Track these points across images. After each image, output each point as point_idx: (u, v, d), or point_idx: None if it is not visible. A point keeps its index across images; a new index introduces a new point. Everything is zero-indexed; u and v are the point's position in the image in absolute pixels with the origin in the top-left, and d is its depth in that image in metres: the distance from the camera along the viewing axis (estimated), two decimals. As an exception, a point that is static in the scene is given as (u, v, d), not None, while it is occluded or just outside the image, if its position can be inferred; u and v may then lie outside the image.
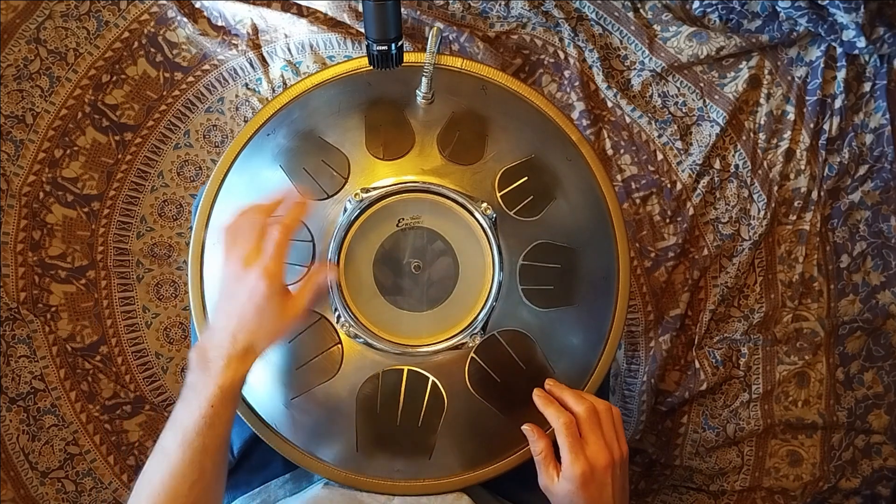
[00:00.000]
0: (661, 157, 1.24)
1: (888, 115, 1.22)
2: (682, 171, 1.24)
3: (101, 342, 1.21)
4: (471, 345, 0.64)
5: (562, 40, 1.25)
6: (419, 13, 1.22)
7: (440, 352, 0.64)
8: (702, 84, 1.24)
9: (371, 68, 0.61)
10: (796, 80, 1.23)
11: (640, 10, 1.25)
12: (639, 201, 1.24)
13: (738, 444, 1.24)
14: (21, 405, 1.19)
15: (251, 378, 0.65)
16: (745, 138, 1.24)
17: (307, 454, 0.65)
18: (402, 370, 0.64)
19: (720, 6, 1.23)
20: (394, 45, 0.58)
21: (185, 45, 1.23)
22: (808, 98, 1.23)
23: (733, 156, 1.25)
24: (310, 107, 0.68)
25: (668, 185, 1.24)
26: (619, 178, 1.25)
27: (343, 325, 0.63)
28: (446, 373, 0.64)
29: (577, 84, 1.24)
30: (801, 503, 1.24)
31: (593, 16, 1.24)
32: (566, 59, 1.25)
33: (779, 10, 1.20)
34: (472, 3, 1.25)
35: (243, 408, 0.65)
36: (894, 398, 1.24)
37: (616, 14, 1.25)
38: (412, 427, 0.64)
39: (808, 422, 1.23)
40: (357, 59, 0.69)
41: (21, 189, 1.19)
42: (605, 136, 1.25)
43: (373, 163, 0.66)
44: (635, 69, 1.25)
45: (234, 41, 1.23)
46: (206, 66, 1.23)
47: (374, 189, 0.64)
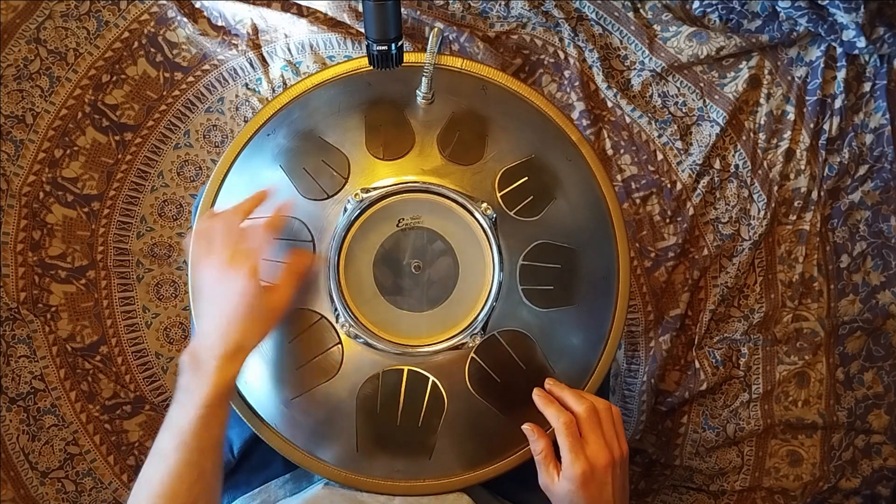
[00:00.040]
0: (661, 157, 1.24)
1: (888, 115, 1.22)
2: (682, 171, 1.24)
3: (101, 342, 1.21)
4: (471, 345, 0.64)
5: (562, 40, 1.25)
6: (419, 13, 1.22)
7: (440, 352, 0.64)
8: (702, 84, 1.24)
9: (371, 68, 0.61)
10: (796, 80, 1.23)
11: (640, 10, 1.25)
12: (639, 201, 1.24)
13: (738, 444, 1.24)
14: (21, 405, 1.19)
15: (251, 378, 0.65)
16: (745, 138, 1.24)
17: (307, 454, 0.65)
18: (403, 370, 0.64)
19: (720, 6, 1.23)
20: (394, 45, 0.58)
21: (185, 45, 1.23)
22: (808, 98, 1.23)
23: (733, 156, 1.25)
24: (310, 107, 0.68)
25: (668, 185, 1.24)
26: (619, 178, 1.25)
27: (343, 325, 0.63)
28: (446, 373, 0.64)
29: (577, 84, 1.24)
30: (801, 503, 1.24)
31: (593, 16, 1.24)
32: (566, 59, 1.25)
33: (779, 10, 1.20)
34: (472, 3, 1.25)
35: (243, 408, 0.65)
36: (894, 398, 1.24)
37: (616, 14, 1.24)
38: (412, 427, 0.64)
39: (808, 422, 1.23)
40: (357, 59, 0.69)
41: (21, 189, 1.19)
42: (605, 136, 1.25)
43: (373, 163, 0.66)
44: (635, 69, 1.25)
45: (234, 41, 1.23)
46: (206, 66, 1.23)
47: (374, 189, 0.64)
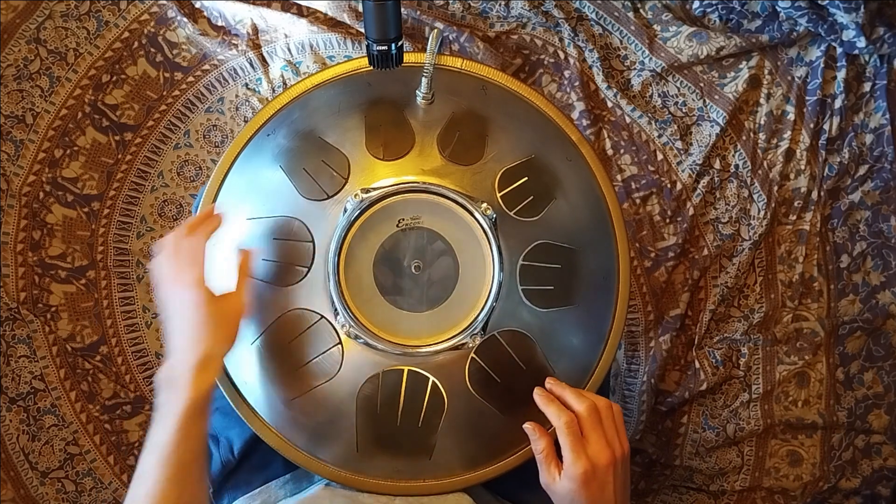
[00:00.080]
0: (661, 157, 1.24)
1: (888, 115, 1.22)
2: (682, 171, 1.24)
3: (101, 342, 1.21)
4: (471, 345, 0.64)
5: (562, 40, 1.24)
6: (419, 13, 1.22)
7: (440, 352, 0.64)
8: (702, 84, 1.24)
9: (371, 68, 0.61)
10: (796, 80, 1.23)
11: (640, 10, 1.25)
12: (639, 201, 1.24)
13: (738, 444, 1.24)
14: (21, 405, 1.19)
15: (251, 378, 0.65)
16: (745, 138, 1.24)
17: (307, 454, 0.65)
18: (403, 370, 0.64)
19: (720, 6, 1.23)
20: (394, 45, 0.58)
21: (185, 45, 1.23)
22: (808, 98, 1.23)
23: (733, 156, 1.25)
24: (310, 107, 0.68)
25: (668, 185, 1.24)
26: (619, 178, 1.25)
27: (343, 326, 0.63)
28: (446, 373, 0.64)
29: (577, 84, 1.23)
30: (801, 503, 1.24)
31: (593, 16, 1.24)
32: (566, 59, 1.25)
33: (779, 10, 1.20)
34: (472, 3, 1.25)
35: (243, 408, 0.65)
36: (894, 398, 1.24)
37: (616, 14, 1.24)
38: (412, 427, 0.64)
39: (808, 422, 1.23)
40: (357, 59, 0.69)
41: (21, 189, 1.19)
42: (605, 136, 1.25)
43: (373, 163, 0.66)
44: (635, 69, 1.25)
45: (234, 41, 1.23)
46: (206, 66, 1.23)
47: (374, 189, 0.64)
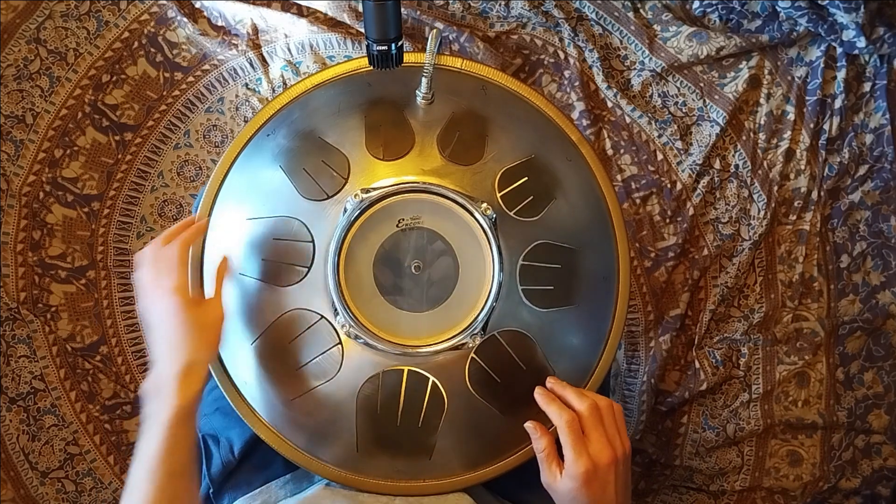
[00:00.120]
0: (661, 157, 1.24)
1: (888, 115, 1.22)
2: (682, 171, 1.24)
3: (101, 342, 1.21)
4: (471, 345, 0.64)
5: (562, 40, 1.24)
6: (419, 13, 1.22)
7: (440, 352, 0.64)
8: (702, 84, 1.24)
9: (371, 68, 0.61)
10: (796, 80, 1.23)
11: (640, 10, 1.25)
12: (639, 201, 1.24)
13: (738, 444, 1.24)
14: (21, 405, 1.19)
15: (251, 378, 0.65)
16: (745, 138, 1.24)
17: (307, 454, 0.65)
18: (403, 370, 0.64)
19: (720, 6, 1.23)
20: (394, 45, 0.58)
21: (185, 45, 1.23)
22: (808, 98, 1.23)
23: (733, 156, 1.25)
24: (310, 107, 0.68)
25: (668, 185, 1.24)
26: (619, 178, 1.25)
27: (343, 326, 0.63)
28: (446, 373, 0.64)
29: (577, 84, 1.23)
30: (801, 503, 1.24)
31: (593, 16, 1.24)
32: (566, 59, 1.25)
33: (779, 10, 1.20)
34: (472, 3, 1.25)
35: (243, 408, 0.65)
36: (894, 398, 1.24)
37: (616, 14, 1.24)
38: (412, 427, 0.64)
39: (808, 422, 1.23)
40: (357, 59, 0.69)
41: (21, 189, 1.19)
42: (605, 136, 1.25)
43: (373, 163, 0.66)
44: (635, 69, 1.25)
45: (234, 41, 1.23)
46: (206, 66, 1.23)
47: (374, 189, 0.64)
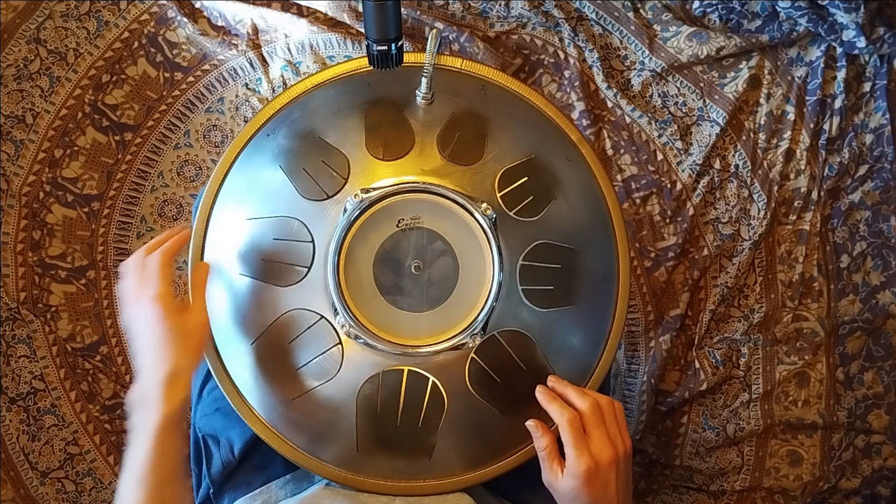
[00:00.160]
0: (661, 157, 1.24)
1: (888, 115, 1.22)
2: (682, 171, 1.24)
3: (101, 342, 1.21)
4: (471, 345, 0.64)
5: (562, 40, 1.24)
6: (419, 13, 1.22)
7: (440, 352, 0.64)
8: (702, 84, 1.24)
9: (371, 68, 0.61)
10: (796, 80, 1.23)
11: (640, 10, 1.25)
12: (639, 201, 1.24)
13: (738, 444, 1.23)
14: (21, 405, 1.19)
15: (252, 378, 0.65)
16: (745, 138, 1.24)
17: (307, 455, 0.65)
18: (403, 370, 0.64)
19: (720, 6, 1.23)
20: (394, 45, 0.58)
21: (185, 45, 1.23)
22: (808, 98, 1.23)
23: (733, 156, 1.25)
24: (310, 107, 0.68)
25: (668, 185, 1.24)
26: (619, 178, 1.25)
27: (343, 326, 0.63)
28: (446, 373, 0.64)
29: (577, 84, 1.23)
30: (801, 503, 1.24)
31: (593, 16, 1.24)
32: (566, 59, 1.25)
33: (779, 10, 1.20)
34: (472, 3, 1.25)
35: (243, 408, 0.65)
36: (894, 398, 1.24)
37: (616, 14, 1.24)
38: (412, 427, 0.64)
39: (808, 422, 1.23)
40: (357, 59, 0.69)
41: (21, 189, 1.19)
42: (605, 136, 1.25)
43: (373, 163, 0.65)
44: (635, 69, 1.25)
45: (234, 41, 1.23)
46: (206, 66, 1.23)
47: (374, 189, 0.64)
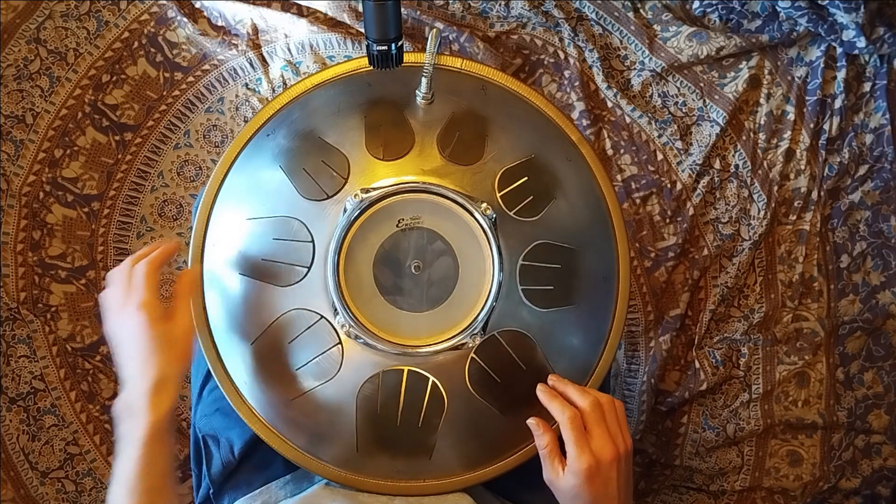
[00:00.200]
0: (661, 157, 1.24)
1: (888, 115, 1.22)
2: (682, 171, 1.24)
3: (101, 342, 1.21)
4: (471, 345, 0.64)
5: (562, 40, 1.24)
6: (419, 13, 1.22)
7: (440, 352, 0.64)
8: (702, 84, 1.24)
9: (371, 68, 0.61)
10: (796, 80, 1.23)
11: (640, 10, 1.25)
12: (639, 201, 1.24)
13: (738, 444, 1.23)
14: (21, 405, 1.19)
15: (251, 378, 0.65)
16: (745, 138, 1.24)
17: (307, 455, 0.65)
18: (403, 370, 0.64)
19: (720, 6, 1.23)
20: (394, 45, 0.58)
21: (185, 45, 1.23)
22: (808, 98, 1.23)
23: (733, 156, 1.25)
24: (310, 107, 0.68)
25: (668, 185, 1.24)
26: (619, 178, 1.25)
27: (343, 326, 0.63)
28: (446, 373, 0.64)
29: (577, 84, 1.23)
30: (801, 503, 1.24)
31: (593, 16, 1.24)
32: (566, 59, 1.25)
33: (779, 10, 1.20)
34: (472, 3, 1.25)
35: (243, 408, 0.65)
36: (894, 398, 1.24)
37: (616, 14, 1.24)
38: (412, 427, 0.64)
39: (808, 422, 1.23)
40: (357, 59, 0.69)
41: (21, 189, 1.19)
42: (605, 136, 1.25)
43: (373, 163, 0.65)
44: (635, 69, 1.25)
45: (234, 41, 1.23)
46: (206, 66, 1.23)
47: (374, 189, 0.64)
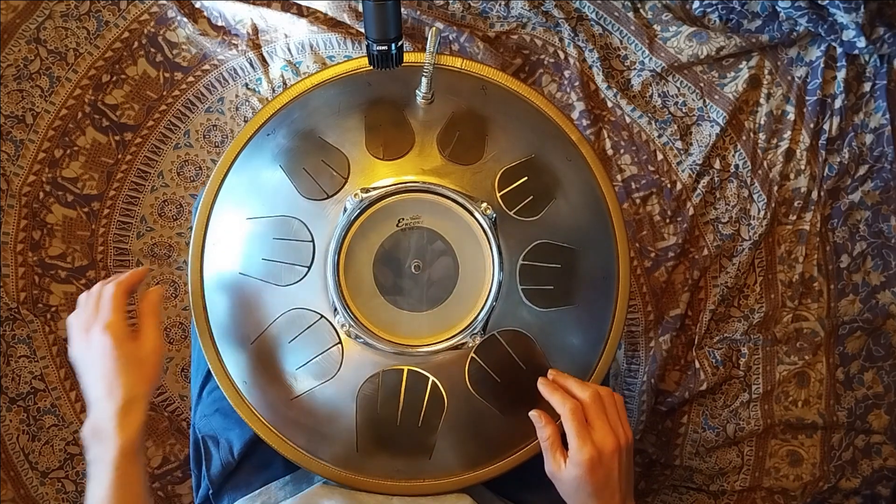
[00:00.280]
0: (661, 157, 1.24)
1: (888, 115, 1.22)
2: (682, 171, 1.24)
3: (101, 342, 1.21)
4: (471, 345, 0.64)
5: (562, 40, 1.24)
6: (419, 13, 1.22)
7: (440, 352, 0.64)
8: (702, 84, 1.24)
9: (371, 68, 0.61)
10: (796, 80, 1.23)
11: (640, 10, 1.25)
12: (639, 201, 1.24)
13: (738, 444, 1.23)
14: (21, 405, 1.19)
15: (251, 378, 0.65)
16: (745, 138, 1.24)
17: (307, 454, 0.65)
18: (402, 370, 0.64)
19: (720, 6, 1.23)
20: (394, 45, 0.58)
21: (185, 45, 1.23)
22: (808, 98, 1.23)
23: (733, 156, 1.25)
24: (310, 107, 0.68)
25: (668, 185, 1.24)
26: (619, 178, 1.25)
27: (343, 325, 0.63)
28: (446, 373, 0.64)
29: (577, 84, 1.23)
30: (801, 503, 1.24)
31: (593, 16, 1.24)
32: (566, 59, 1.25)
33: (779, 10, 1.20)
34: (472, 3, 1.25)
35: (243, 408, 0.65)
36: (894, 398, 1.24)
37: (616, 14, 1.24)
38: (412, 427, 0.64)
39: (808, 422, 1.23)
40: (357, 59, 0.69)
41: (21, 189, 1.19)
42: (605, 136, 1.25)
43: (373, 163, 0.66)
44: (635, 69, 1.25)
45: (234, 41, 1.23)
46: (206, 66, 1.23)
47: (374, 189, 0.64)
